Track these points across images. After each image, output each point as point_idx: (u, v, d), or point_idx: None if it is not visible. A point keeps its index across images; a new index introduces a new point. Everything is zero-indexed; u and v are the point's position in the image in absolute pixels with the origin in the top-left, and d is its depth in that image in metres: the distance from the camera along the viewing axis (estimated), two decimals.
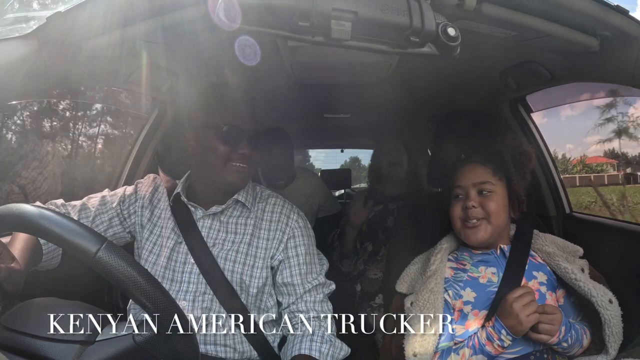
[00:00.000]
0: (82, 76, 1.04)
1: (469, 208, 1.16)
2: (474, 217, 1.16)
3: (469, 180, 1.19)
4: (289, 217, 1.20)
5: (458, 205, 1.20)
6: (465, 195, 1.19)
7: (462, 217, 1.19)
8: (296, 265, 1.16)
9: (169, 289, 1.10)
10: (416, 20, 0.77)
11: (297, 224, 1.20)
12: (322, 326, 1.13)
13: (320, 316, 1.14)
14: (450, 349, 1.10)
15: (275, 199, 1.24)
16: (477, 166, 1.21)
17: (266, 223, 1.18)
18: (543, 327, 1.02)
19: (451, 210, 1.22)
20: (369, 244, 2.09)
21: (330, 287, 1.21)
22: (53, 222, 0.65)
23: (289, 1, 0.73)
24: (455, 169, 1.24)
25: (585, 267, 1.17)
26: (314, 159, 5.55)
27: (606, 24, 0.93)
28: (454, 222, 1.21)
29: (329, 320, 1.15)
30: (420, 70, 1.63)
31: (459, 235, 1.22)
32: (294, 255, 1.17)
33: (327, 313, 1.16)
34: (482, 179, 1.18)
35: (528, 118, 1.77)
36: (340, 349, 1.10)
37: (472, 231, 1.17)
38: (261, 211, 1.20)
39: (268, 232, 1.17)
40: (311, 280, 1.17)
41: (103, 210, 1.18)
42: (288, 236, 1.18)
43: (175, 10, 0.87)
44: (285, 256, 1.17)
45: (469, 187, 1.19)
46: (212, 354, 1.11)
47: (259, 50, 1.22)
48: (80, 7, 0.80)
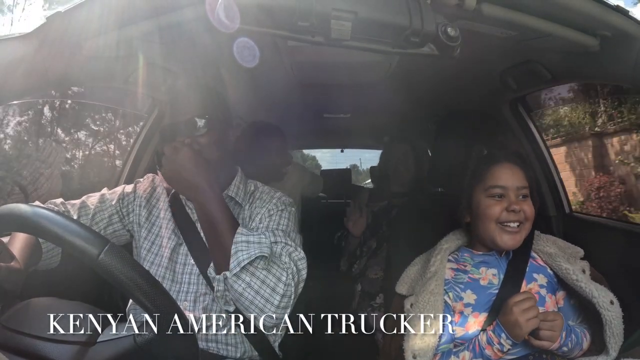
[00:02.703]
0: (82, 76, 1.04)
1: (515, 211, 1.12)
2: (518, 221, 1.13)
3: (512, 182, 1.15)
4: (273, 196, 1.18)
5: (497, 206, 1.14)
6: (507, 196, 1.14)
7: (500, 219, 1.13)
8: (264, 227, 1.11)
9: (169, 289, 1.10)
10: (416, 20, 0.77)
11: (279, 201, 1.17)
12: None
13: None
14: (450, 352, 1.10)
15: (264, 187, 1.23)
16: (517, 168, 1.17)
17: (249, 211, 1.17)
18: (544, 334, 1.01)
19: (487, 211, 1.15)
20: (373, 241, 2.11)
21: (299, 253, 1.06)
22: (55, 224, 0.64)
23: (288, 1, 0.73)
24: (488, 165, 1.19)
25: (587, 269, 1.16)
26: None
27: (606, 23, 0.93)
28: (487, 224, 1.15)
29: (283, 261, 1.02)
30: (420, 70, 1.63)
31: (491, 238, 1.15)
32: (266, 220, 1.12)
33: (286, 261, 1.02)
34: (523, 182, 1.15)
35: (528, 118, 1.77)
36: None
37: (512, 236, 1.13)
38: (250, 205, 1.19)
39: (252, 215, 1.16)
40: (277, 236, 1.07)
41: (102, 208, 1.18)
42: (269, 210, 1.14)
43: (175, 10, 0.87)
44: (258, 222, 1.13)
45: (512, 189, 1.14)
46: (213, 351, 1.11)
47: (257, 53, 1.21)
48: (80, 7, 0.80)
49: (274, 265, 0.97)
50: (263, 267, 0.95)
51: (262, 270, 0.94)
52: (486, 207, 1.15)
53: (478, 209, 1.17)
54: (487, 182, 1.17)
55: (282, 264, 0.99)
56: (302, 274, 1.04)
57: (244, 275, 0.93)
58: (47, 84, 0.94)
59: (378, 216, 2.15)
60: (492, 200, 1.15)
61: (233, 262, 0.93)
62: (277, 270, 0.96)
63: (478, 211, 1.17)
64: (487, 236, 1.16)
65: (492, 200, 1.15)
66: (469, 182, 1.21)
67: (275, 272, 0.96)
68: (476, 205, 1.18)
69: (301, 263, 1.04)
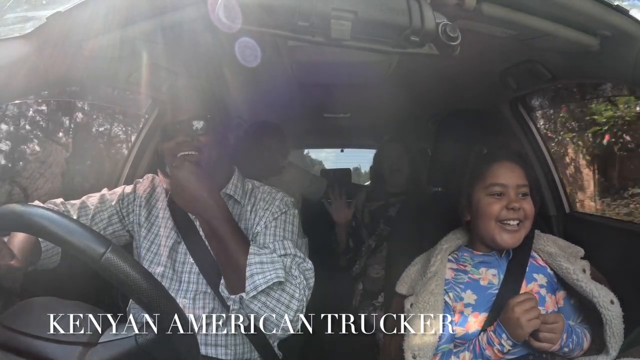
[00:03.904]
0: (82, 76, 1.04)
1: (514, 209, 1.12)
2: (518, 219, 1.13)
3: (512, 180, 1.15)
4: (275, 197, 1.18)
5: (497, 203, 1.14)
6: (507, 194, 1.15)
7: (499, 218, 1.13)
8: (271, 234, 1.11)
9: (168, 288, 1.10)
10: (416, 19, 0.77)
11: (282, 202, 1.17)
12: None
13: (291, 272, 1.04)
14: (450, 352, 1.10)
15: (263, 187, 1.22)
16: (516, 166, 1.17)
17: (254, 214, 1.16)
18: (544, 336, 1.02)
19: (486, 209, 1.15)
20: (372, 240, 2.11)
21: (307, 264, 1.08)
22: (57, 224, 0.64)
23: (289, 1, 0.73)
24: (488, 164, 1.19)
25: (587, 268, 1.16)
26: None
27: (606, 23, 0.93)
28: (487, 222, 1.15)
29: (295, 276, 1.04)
30: (420, 69, 1.63)
31: (490, 236, 1.15)
32: (272, 226, 1.12)
33: (297, 275, 1.03)
34: (523, 181, 1.16)
35: (528, 117, 1.77)
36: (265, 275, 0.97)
37: (512, 234, 1.13)
38: (252, 205, 1.18)
39: (255, 219, 1.15)
40: (287, 248, 1.08)
41: (102, 208, 1.18)
42: (273, 213, 1.14)
43: (176, 10, 0.87)
44: (264, 227, 1.13)
45: (511, 187, 1.14)
46: (212, 356, 1.11)
47: (259, 52, 1.21)
48: (80, 7, 0.80)
49: (287, 282, 0.99)
50: (278, 287, 0.97)
51: (277, 290, 0.97)
52: (486, 205, 1.15)
53: (478, 207, 1.17)
54: (486, 180, 1.17)
55: (294, 279, 1.01)
56: (310, 284, 1.06)
57: (259, 296, 0.95)
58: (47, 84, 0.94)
59: (376, 215, 2.16)
60: (491, 199, 1.15)
61: (249, 285, 0.94)
62: (290, 288, 0.99)
63: (478, 209, 1.17)
64: (487, 234, 1.16)
65: (491, 199, 1.15)
66: (469, 181, 1.21)
67: (288, 289, 0.98)
68: (476, 203, 1.18)
69: (309, 274, 1.07)
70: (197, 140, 1.08)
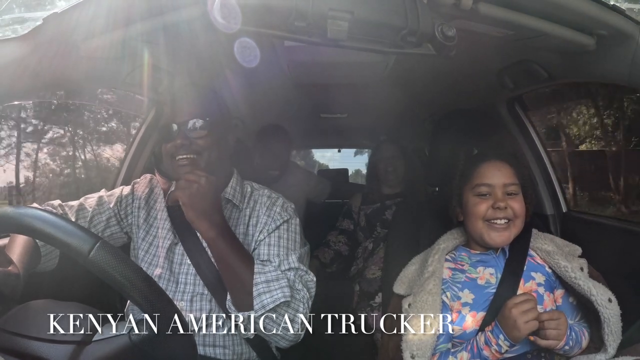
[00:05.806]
0: (79, 77, 1.04)
1: (500, 209, 1.12)
2: (506, 218, 1.13)
3: (499, 179, 1.15)
4: (275, 203, 1.17)
5: (483, 204, 1.15)
6: (493, 194, 1.15)
7: (486, 217, 1.14)
8: (275, 245, 1.12)
9: (166, 289, 1.10)
10: (412, 20, 0.77)
11: (283, 209, 1.17)
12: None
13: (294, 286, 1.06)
14: (448, 352, 1.10)
15: (263, 190, 1.22)
16: (504, 165, 1.17)
17: (254, 219, 1.16)
18: (551, 333, 1.01)
19: (473, 209, 1.16)
20: (369, 242, 2.11)
21: (309, 276, 1.11)
22: (46, 222, 0.64)
23: (286, 1, 0.73)
24: (475, 165, 1.20)
25: (585, 266, 1.16)
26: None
27: (602, 22, 0.94)
28: (474, 222, 1.16)
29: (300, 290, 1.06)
30: (417, 69, 1.63)
31: (479, 235, 1.16)
32: (275, 236, 1.12)
33: (300, 288, 1.06)
34: (511, 179, 1.16)
35: (525, 117, 1.77)
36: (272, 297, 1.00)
37: (500, 233, 1.13)
38: (251, 209, 1.18)
39: (257, 225, 1.15)
40: (291, 263, 1.10)
41: (100, 211, 1.18)
42: (275, 220, 1.14)
43: (172, 10, 0.87)
44: (266, 236, 1.13)
45: (498, 186, 1.15)
46: (210, 355, 1.10)
47: (258, 53, 1.21)
48: (77, 8, 0.79)
49: (292, 298, 1.02)
50: (284, 304, 1.00)
51: (283, 307, 1.00)
52: (473, 206, 1.17)
53: (467, 207, 1.19)
54: (473, 180, 1.18)
55: (297, 293, 1.04)
56: (312, 294, 1.10)
57: (266, 313, 0.98)
58: (44, 85, 0.93)
59: (371, 218, 2.15)
60: (478, 199, 1.16)
61: (257, 304, 0.98)
62: (295, 303, 1.02)
63: (467, 210, 1.19)
64: (476, 234, 1.17)
65: (478, 199, 1.16)
66: (458, 182, 1.23)
67: (293, 305, 1.02)
68: (465, 204, 1.20)
69: (311, 285, 1.10)
70: (195, 143, 1.08)
